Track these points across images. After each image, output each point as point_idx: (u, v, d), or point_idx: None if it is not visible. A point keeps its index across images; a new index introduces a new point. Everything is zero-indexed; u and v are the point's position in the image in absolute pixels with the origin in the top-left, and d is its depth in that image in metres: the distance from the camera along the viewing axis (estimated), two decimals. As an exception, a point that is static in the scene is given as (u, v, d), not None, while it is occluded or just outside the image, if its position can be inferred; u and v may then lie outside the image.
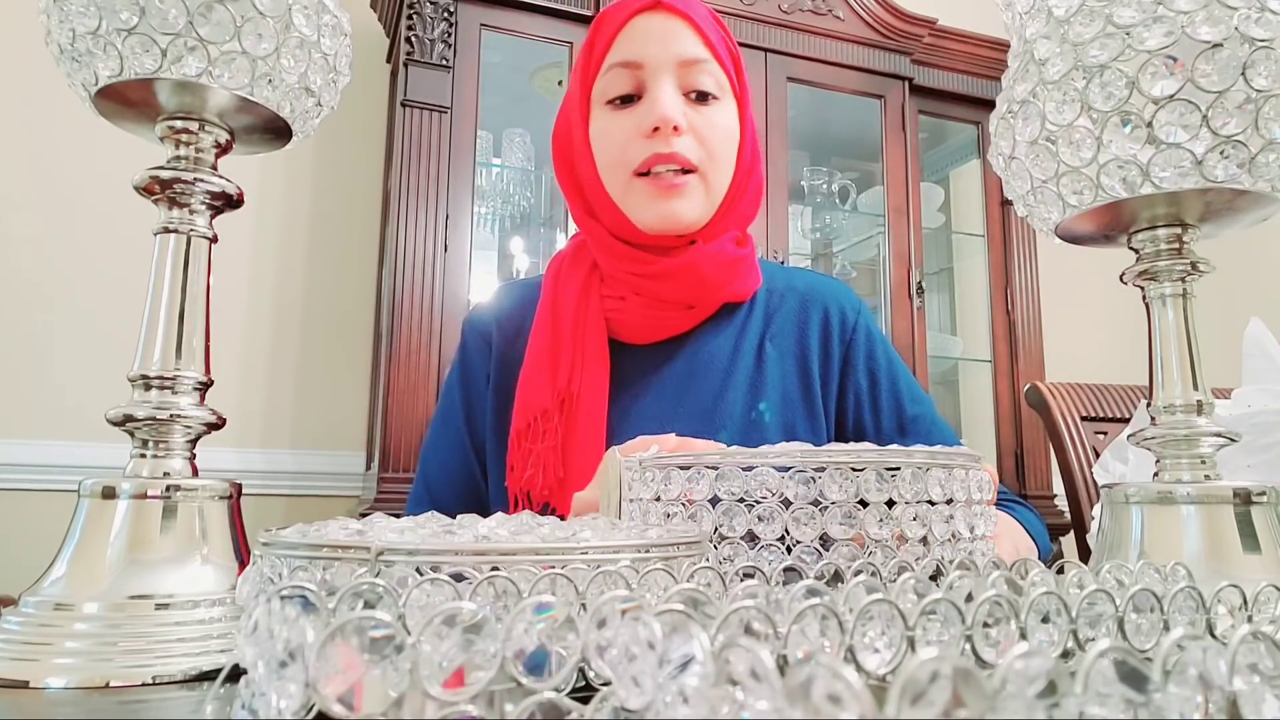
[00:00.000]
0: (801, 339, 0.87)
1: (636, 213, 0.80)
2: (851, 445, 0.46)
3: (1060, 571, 0.39)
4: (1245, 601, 0.34)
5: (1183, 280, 0.50)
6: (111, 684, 0.39)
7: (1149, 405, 0.51)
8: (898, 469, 0.44)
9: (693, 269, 0.80)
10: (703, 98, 0.80)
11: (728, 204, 0.83)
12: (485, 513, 0.89)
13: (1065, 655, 0.28)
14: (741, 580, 0.38)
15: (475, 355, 0.90)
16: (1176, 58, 0.43)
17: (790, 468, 0.44)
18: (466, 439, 0.88)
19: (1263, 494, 0.47)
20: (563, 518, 0.77)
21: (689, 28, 0.80)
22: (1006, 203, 2.19)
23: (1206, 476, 0.49)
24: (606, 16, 0.82)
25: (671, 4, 0.80)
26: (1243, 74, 0.43)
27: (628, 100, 0.80)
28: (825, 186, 2.25)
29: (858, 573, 0.40)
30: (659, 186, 0.78)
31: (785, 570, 0.40)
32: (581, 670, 0.26)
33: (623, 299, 0.83)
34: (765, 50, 1.99)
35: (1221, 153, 0.44)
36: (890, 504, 0.44)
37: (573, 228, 1.87)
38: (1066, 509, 1.32)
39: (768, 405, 0.85)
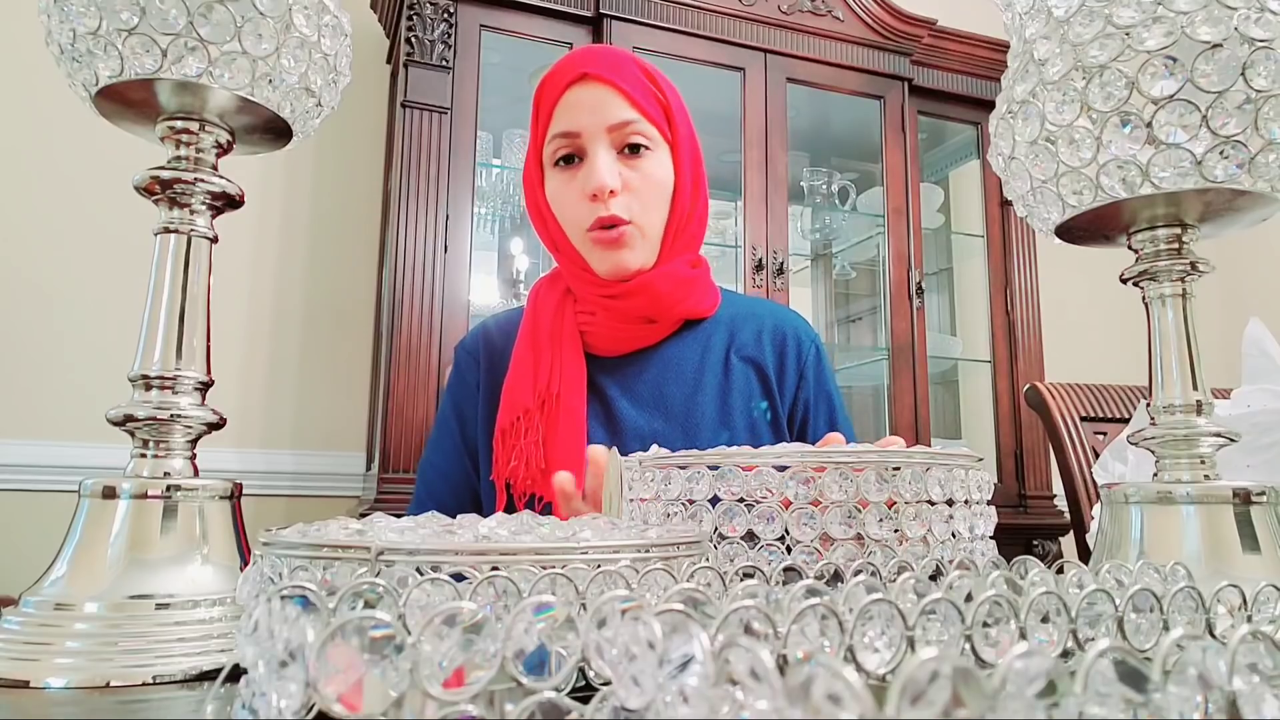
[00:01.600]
0: (761, 353, 0.96)
1: (594, 263, 0.90)
2: (851, 445, 0.46)
3: (1060, 571, 0.39)
4: (1245, 601, 0.34)
5: (1182, 280, 0.50)
6: (112, 684, 0.39)
7: (1149, 405, 0.51)
8: (898, 469, 0.44)
9: (649, 287, 0.90)
10: (635, 153, 0.89)
11: (669, 241, 0.92)
12: (480, 507, 0.95)
13: (1065, 655, 0.28)
14: (741, 580, 0.38)
15: (466, 370, 0.99)
16: (1176, 58, 0.43)
17: (790, 467, 0.44)
18: (460, 443, 0.96)
19: (1262, 494, 0.47)
20: (549, 505, 0.80)
21: (615, 93, 0.88)
22: (1006, 203, 2.19)
23: (1206, 476, 0.49)
24: (545, 87, 0.92)
25: (597, 74, 0.88)
26: (1242, 74, 0.43)
27: (570, 161, 0.90)
28: (825, 187, 2.25)
29: (858, 573, 0.40)
30: (604, 241, 0.88)
31: (785, 570, 0.40)
32: (581, 670, 0.26)
33: (593, 314, 0.92)
34: (765, 50, 1.99)
35: (1221, 153, 0.44)
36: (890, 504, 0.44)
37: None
38: (1066, 509, 1.32)
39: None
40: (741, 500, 0.44)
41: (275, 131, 0.52)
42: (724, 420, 0.90)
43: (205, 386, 0.49)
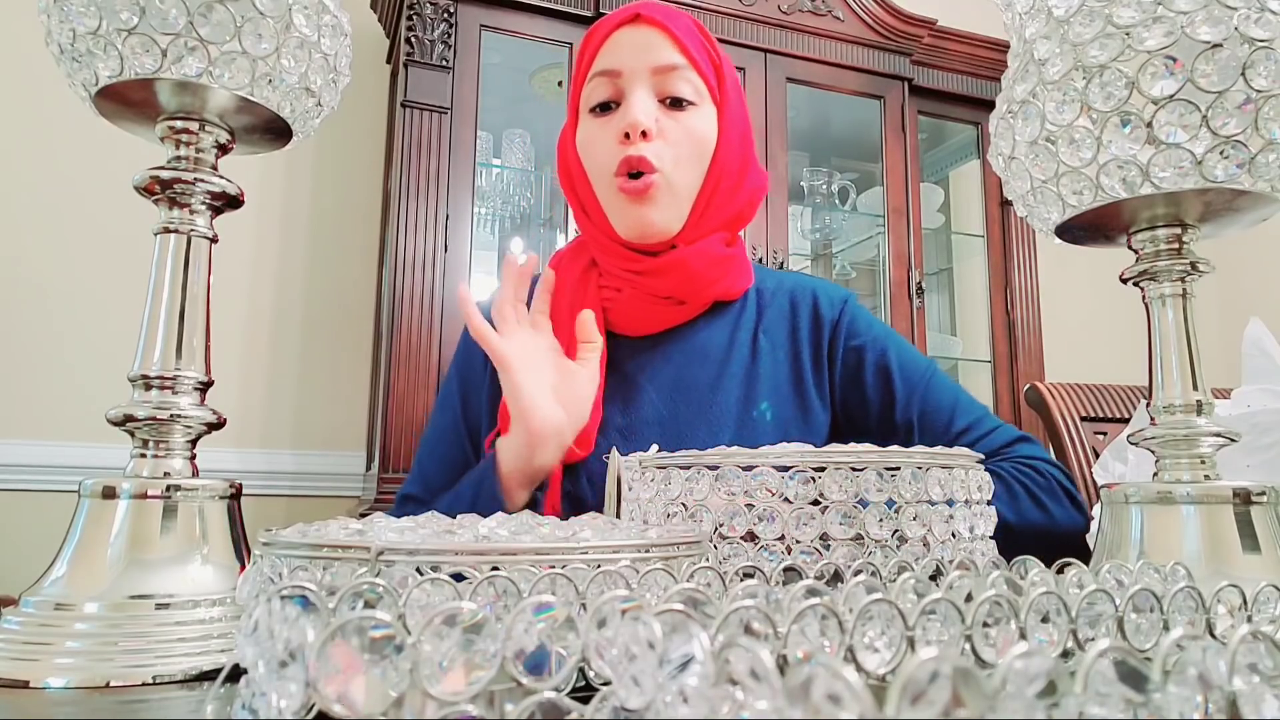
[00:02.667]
0: (793, 333, 0.90)
1: (615, 219, 0.85)
2: (851, 445, 0.46)
3: (1060, 571, 0.39)
4: (1245, 601, 0.34)
5: (1183, 280, 0.50)
6: (111, 684, 0.39)
7: (1149, 405, 0.51)
8: (898, 469, 0.44)
9: (682, 265, 0.84)
10: (678, 104, 0.83)
11: (701, 206, 0.85)
12: None
13: (1065, 655, 0.28)
14: (741, 580, 0.38)
15: (476, 345, 0.91)
16: (1176, 58, 0.43)
17: (790, 467, 0.44)
18: (462, 425, 0.91)
19: (1262, 494, 0.47)
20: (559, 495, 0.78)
21: (666, 38, 0.83)
22: (1006, 203, 2.19)
23: (1206, 476, 0.49)
24: (593, 30, 0.87)
25: (650, 16, 0.84)
26: (1242, 74, 0.43)
27: (607, 108, 0.85)
28: (825, 187, 2.25)
29: (858, 573, 0.40)
30: (629, 192, 0.82)
31: (785, 570, 0.40)
32: (581, 670, 0.26)
33: (618, 290, 0.86)
34: (765, 50, 1.99)
35: (1221, 153, 0.44)
36: (890, 503, 0.44)
37: (572, 229, 1.88)
38: (1066, 509, 1.32)
39: (768, 405, 0.87)
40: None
41: (275, 131, 0.52)
42: (747, 409, 0.85)
43: (205, 386, 0.49)
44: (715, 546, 0.44)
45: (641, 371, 0.87)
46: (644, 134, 0.80)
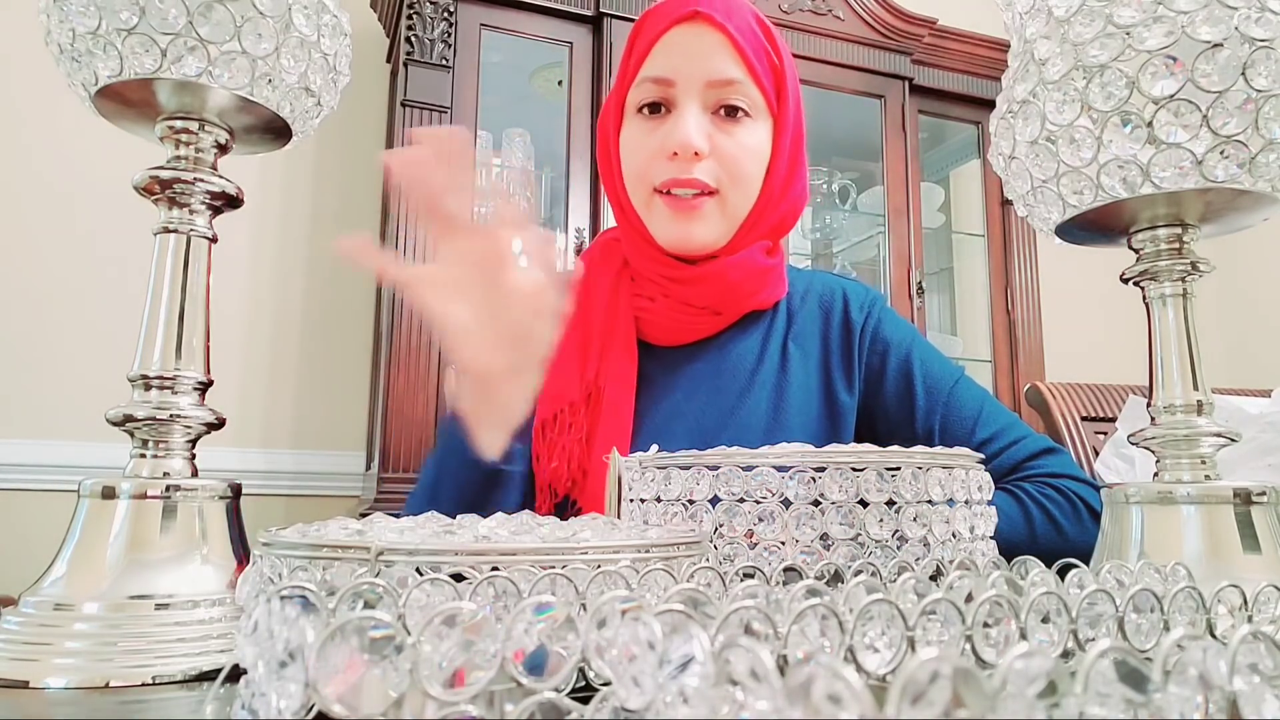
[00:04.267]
0: (824, 341, 0.88)
1: (656, 229, 0.81)
2: (852, 445, 0.46)
3: (1061, 571, 0.39)
4: (1245, 601, 0.34)
5: (1183, 280, 0.50)
6: (111, 684, 0.39)
7: (1149, 405, 0.51)
8: (898, 469, 0.44)
9: (720, 276, 0.81)
10: (732, 116, 0.79)
11: (750, 223, 0.82)
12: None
13: (1065, 655, 0.28)
14: (741, 580, 0.38)
15: None
16: (1176, 58, 0.43)
17: (790, 467, 0.44)
18: None
19: (1263, 494, 0.47)
20: (581, 511, 0.76)
21: (726, 43, 0.78)
22: (1006, 203, 2.19)
23: (1207, 476, 0.49)
24: (647, 22, 0.82)
25: (710, 15, 0.78)
26: (1243, 74, 0.43)
27: (656, 110, 0.80)
28: (825, 186, 2.25)
29: (858, 573, 0.40)
30: (676, 207, 0.78)
31: (785, 570, 0.40)
32: (581, 670, 0.26)
33: (651, 300, 0.84)
34: (765, 50, 1.99)
35: (1221, 153, 0.44)
36: (890, 504, 0.44)
37: (573, 228, 1.87)
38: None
39: (797, 416, 0.84)
40: (741, 500, 0.44)
41: (275, 131, 0.52)
42: (777, 418, 0.83)
43: (205, 386, 0.49)
44: (715, 546, 0.44)
45: (673, 382, 0.84)
46: (696, 153, 0.76)
